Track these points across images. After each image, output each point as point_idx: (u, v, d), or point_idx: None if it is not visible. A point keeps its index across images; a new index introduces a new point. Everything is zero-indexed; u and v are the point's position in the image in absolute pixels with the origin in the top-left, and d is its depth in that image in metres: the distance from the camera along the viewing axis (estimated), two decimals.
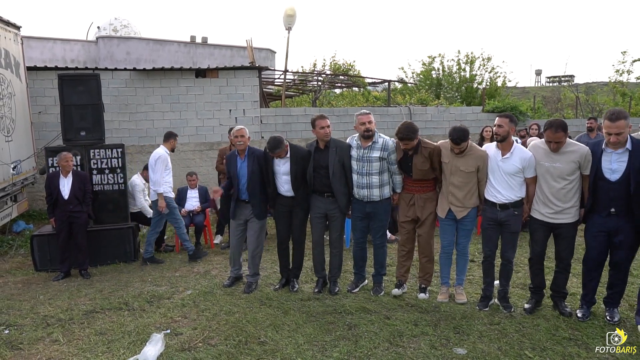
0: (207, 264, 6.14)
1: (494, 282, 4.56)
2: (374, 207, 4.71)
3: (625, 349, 3.59)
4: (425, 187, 4.65)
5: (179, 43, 15.11)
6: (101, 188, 6.45)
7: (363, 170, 4.64)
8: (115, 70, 10.21)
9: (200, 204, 7.29)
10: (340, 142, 4.78)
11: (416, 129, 4.51)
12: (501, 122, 4.29)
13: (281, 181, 4.86)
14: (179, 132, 10.67)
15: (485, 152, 4.43)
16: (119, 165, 6.51)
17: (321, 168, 4.72)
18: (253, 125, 11.14)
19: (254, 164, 4.93)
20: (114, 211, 6.50)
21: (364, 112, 4.62)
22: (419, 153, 4.54)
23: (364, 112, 4.62)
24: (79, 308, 4.65)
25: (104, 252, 6.36)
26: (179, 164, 10.77)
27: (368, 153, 4.61)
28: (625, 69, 17.66)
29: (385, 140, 4.62)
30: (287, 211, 4.94)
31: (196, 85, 10.74)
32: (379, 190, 4.67)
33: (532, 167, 4.22)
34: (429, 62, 24.47)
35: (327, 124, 4.69)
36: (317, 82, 13.30)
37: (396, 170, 4.67)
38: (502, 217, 4.32)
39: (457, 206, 4.50)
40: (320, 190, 4.77)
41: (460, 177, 4.44)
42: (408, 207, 4.71)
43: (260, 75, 11.47)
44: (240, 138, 4.93)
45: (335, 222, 4.84)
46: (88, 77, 6.46)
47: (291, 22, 11.93)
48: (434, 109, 13.25)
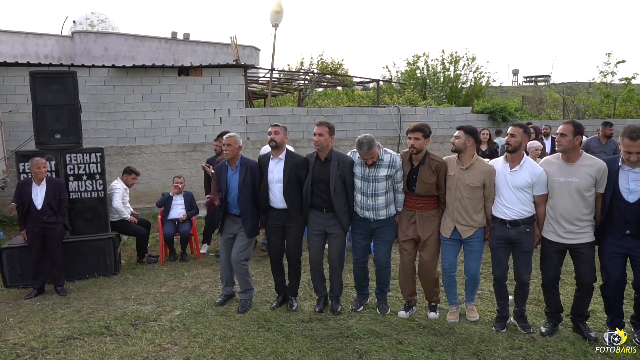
0: (195, 278, 5.69)
1: (509, 299, 4.25)
2: (379, 223, 4.33)
3: (625, 349, 3.55)
4: (428, 204, 4.28)
5: (160, 39, 14.49)
6: (78, 196, 5.93)
7: (368, 191, 4.25)
8: (92, 67, 9.64)
9: (185, 211, 6.82)
10: (343, 157, 4.37)
11: (431, 130, 4.19)
12: (514, 131, 3.95)
13: (274, 190, 4.45)
14: (160, 132, 10.28)
15: (492, 167, 4.10)
16: (98, 171, 6.00)
17: (321, 182, 4.32)
18: (238, 125, 10.72)
19: (246, 175, 4.51)
20: (92, 220, 5.99)
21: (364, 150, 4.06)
22: (426, 164, 4.19)
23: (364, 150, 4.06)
24: (54, 334, 4.16)
25: (82, 265, 5.85)
26: (160, 166, 10.28)
27: (374, 172, 4.22)
28: (610, 70, 17.75)
29: (393, 156, 4.23)
30: (279, 226, 4.53)
31: (179, 84, 10.26)
32: (386, 210, 4.30)
33: (543, 184, 3.89)
34: (413, 61, 24.36)
35: (320, 132, 4.25)
36: (304, 81, 12.89)
37: (400, 188, 4.29)
38: (513, 235, 3.97)
39: (463, 224, 4.14)
40: (319, 206, 4.38)
41: (466, 192, 4.08)
42: (408, 225, 4.32)
43: (246, 73, 11.04)
44: (226, 147, 4.50)
45: (336, 239, 4.44)
46: (63, 74, 5.92)
47: (278, 19, 11.49)
48: (423, 109, 13.01)
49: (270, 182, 4.45)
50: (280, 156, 4.42)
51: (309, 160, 4.41)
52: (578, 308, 4.02)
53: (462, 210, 4.10)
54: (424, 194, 4.21)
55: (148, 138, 10.12)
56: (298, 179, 4.38)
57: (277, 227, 4.53)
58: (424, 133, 4.13)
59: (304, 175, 4.37)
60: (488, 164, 4.15)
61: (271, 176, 4.44)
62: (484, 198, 4.10)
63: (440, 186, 4.20)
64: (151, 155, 10.24)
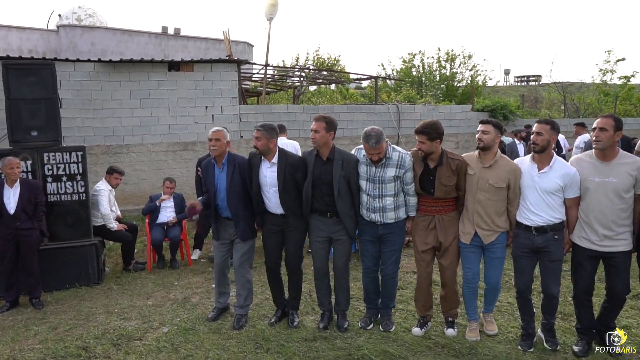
0: (185, 289, 5.21)
1: (534, 314, 3.83)
2: (387, 229, 3.90)
3: (625, 349, 3.48)
4: (448, 206, 3.86)
5: (150, 34, 13.93)
6: (57, 199, 5.43)
7: (375, 192, 3.81)
8: (77, 61, 9.11)
9: (175, 215, 6.34)
10: (347, 155, 3.92)
11: (441, 130, 3.71)
12: (541, 129, 3.52)
13: (268, 194, 4.00)
14: (149, 130, 9.75)
15: (517, 166, 3.68)
16: (79, 171, 5.50)
17: (323, 184, 3.87)
18: (232, 123, 10.24)
19: (235, 173, 4.05)
20: (73, 225, 5.49)
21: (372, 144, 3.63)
22: (444, 165, 3.75)
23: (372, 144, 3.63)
24: (24, 356, 3.68)
25: (61, 274, 5.35)
26: (150, 165, 9.77)
27: (381, 173, 3.78)
28: (610, 68, 17.47)
29: (402, 155, 3.79)
30: (277, 231, 4.08)
31: (169, 80, 9.75)
32: (394, 213, 3.86)
33: (576, 186, 3.48)
34: (409, 59, 24.00)
35: (316, 127, 3.79)
36: (299, 78, 12.43)
37: (411, 190, 3.86)
38: (540, 243, 3.56)
39: (484, 229, 3.72)
40: (322, 210, 3.93)
41: (489, 193, 3.66)
42: (427, 232, 3.88)
43: (240, 69, 10.56)
44: (214, 142, 4.03)
45: (341, 246, 4.00)
46: (41, 65, 5.42)
47: (273, 12, 11.03)
48: (422, 107, 12.62)
49: (264, 185, 3.99)
50: (273, 160, 3.95)
51: (306, 160, 3.95)
52: (606, 319, 3.64)
53: (484, 213, 3.68)
54: (443, 196, 3.78)
55: (136, 136, 9.60)
56: (295, 181, 3.93)
57: (274, 233, 4.08)
58: (429, 136, 3.66)
59: (301, 177, 3.92)
60: (513, 162, 3.73)
61: (264, 179, 3.98)
62: (507, 200, 3.68)
63: (461, 186, 3.77)
64: (140, 155, 9.73)
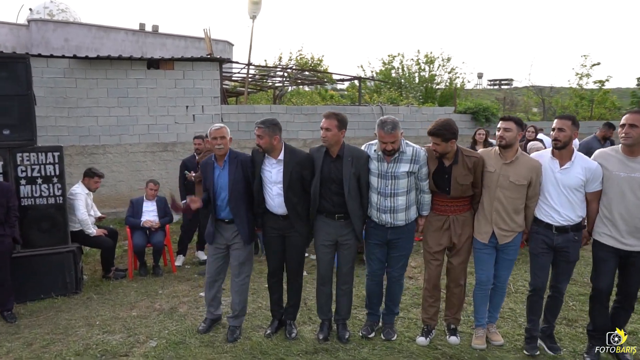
0: (171, 298, 4.92)
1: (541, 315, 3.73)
2: (397, 233, 3.72)
3: (625, 349, 3.45)
4: (463, 205, 3.72)
5: (127, 31, 13.42)
6: (32, 202, 5.06)
7: (386, 190, 3.63)
8: (51, 57, 8.66)
9: (159, 219, 6.03)
10: (357, 151, 3.71)
11: (454, 129, 3.57)
12: (563, 124, 3.43)
13: (271, 193, 3.76)
14: (127, 130, 9.35)
15: (539, 163, 3.57)
16: (56, 173, 5.14)
17: (332, 183, 3.66)
18: (213, 123, 9.85)
19: (237, 172, 3.81)
20: (49, 231, 5.12)
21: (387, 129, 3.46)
22: (460, 163, 3.60)
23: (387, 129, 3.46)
24: None
25: (36, 284, 4.98)
26: (127, 167, 9.38)
27: (394, 168, 3.60)
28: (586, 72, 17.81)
29: (416, 150, 3.62)
30: (279, 235, 3.85)
31: (148, 78, 9.38)
32: (405, 214, 3.68)
33: (598, 180, 3.41)
34: (388, 61, 24.03)
35: (327, 126, 3.59)
36: (282, 78, 12.19)
37: (426, 187, 3.70)
38: (559, 242, 3.49)
39: (503, 229, 3.60)
40: (330, 211, 3.72)
41: (509, 191, 3.54)
42: (441, 232, 3.74)
43: (222, 68, 10.27)
44: (220, 140, 3.78)
45: (347, 251, 3.80)
46: (13, 59, 5.04)
47: (256, 10, 10.77)
48: (405, 108, 12.55)
49: (267, 182, 3.76)
50: (279, 157, 3.73)
51: (314, 157, 3.74)
52: (617, 321, 3.55)
53: (503, 211, 3.56)
54: (458, 196, 3.63)
55: (114, 136, 9.20)
56: (301, 180, 3.71)
57: (275, 237, 3.85)
58: (443, 137, 3.51)
59: (308, 175, 3.71)
60: (534, 159, 3.62)
61: (268, 175, 3.75)
62: (526, 197, 3.57)
63: (477, 184, 3.63)
64: (117, 156, 9.32)
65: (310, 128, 11.19)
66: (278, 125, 3.70)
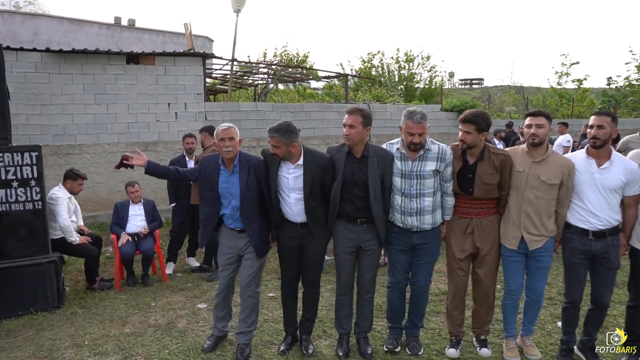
0: (166, 311, 4.49)
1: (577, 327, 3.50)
2: (423, 238, 3.42)
3: (625, 349, 3.39)
4: (488, 208, 3.44)
5: (101, 25, 12.72)
6: (6, 208, 4.55)
7: (412, 191, 3.32)
8: (21, 50, 8.03)
9: (147, 224, 5.56)
10: (382, 151, 3.38)
11: (490, 121, 3.33)
12: (602, 121, 3.19)
13: (288, 200, 3.40)
14: (105, 129, 8.78)
15: (571, 161, 3.32)
16: (34, 176, 4.64)
17: (355, 185, 3.33)
18: (196, 121, 9.45)
19: (249, 178, 3.42)
20: (27, 240, 4.61)
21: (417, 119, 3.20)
22: (486, 161, 3.33)
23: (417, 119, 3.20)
24: None
25: (13, 299, 4.47)
26: (106, 168, 8.82)
27: (419, 166, 3.30)
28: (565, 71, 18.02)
29: (442, 148, 3.34)
30: (296, 244, 3.49)
31: (127, 73, 8.84)
32: (432, 217, 3.38)
33: (639, 182, 3.17)
34: (368, 59, 23.88)
35: (351, 122, 3.26)
36: (267, 74, 11.78)
37: (450, 189, 3.41)
38: (598, 249, 3.24)
39: (534, 234, 3.33)
40: (352, 216, 3.38)
41: (540, 191, 3.28)
42: (464, 237, 3.45)
43: (205, 63, 9.80)
44: (228, 142, 3.37)
45: (370, 257, 3.47)
46: None
47: (241, 4, 10.33)
48: (392, 106, 12.33)
49: (283, 189, 3.39)
50: (299, 162, 3.35)
51: (334, 159, 3.39)
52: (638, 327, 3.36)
53: (534, 214, 3.29)
54: (483, 197, 3.35)
55: (91, 135, 8.63)
56: (322, 185, 3.37)
57: (292, 247, 3.49)
58: (478, 127, 3.26)
59: (329, 179, 3.36)
60: (565, 157, 3.37)
61: (284, 181, 3.38)
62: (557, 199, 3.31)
63: (505, 185, 3.36)
64: (94, 156, 8.75)
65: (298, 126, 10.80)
66: (295, 131, 3.28)
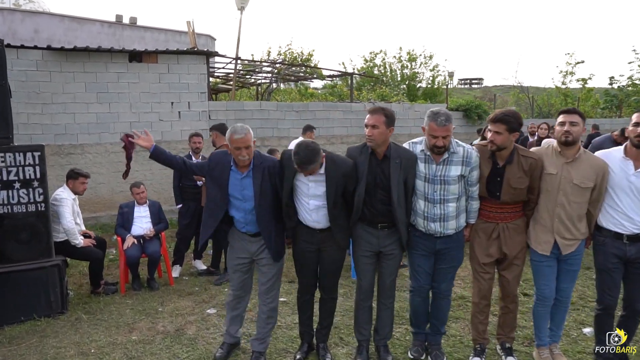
0: (175, 317, 4.32)
1: None
2: (446, 243, 3.26)
3: (625, 349, 3.36)
4: (514, 212, 3.28)
5: (102, 23, 12.54)
6: (8, 210, 4.38)
7: (435, 196, 3.16)
8: (22, 47, 7.87)
9: (152, 226, 5.39)
10: (405, 152, 3.20)
11: (522, 121, 3.16)
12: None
13: (307, 207, 3.22)
14: (107, 128, 8.61)
15: (605, 162, 3.15)
16: (37, 176, 4.47)
17: (377, 188, 3.17)
18: (200, 121, 9.30)
19: (264, 181, 3.22)
20: (29, 243, 4.44)
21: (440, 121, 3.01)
22: (515, 164, 3.16)
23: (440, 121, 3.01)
24: None
25: (15, 304, 4.30)
26: (108, 168, 8.66)
27: (444, 171, 3.14)
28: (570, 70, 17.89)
29: (467, 150, 3.17)
30: (314, 249, 3.33)
31: (130, 72, 8.67)
32: (456, 222, 3.23)
33: None
34: (370, 58, 23.73)
35: (374, 122, 3.07)
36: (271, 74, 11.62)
37: (476, 193, 3.24)
38: (633, 253, 3.09)
39: (567, 238, 3.17)
40: (372, 220, 3.22)
41: (574, 195, 3.11)
42: (490, 241, 3.29)
43: (209, 62, 9.63)
44: (245, 151, 3.12)
45: (392, 261, 3.31)
46: None
47: (244, 1, 10.17)
48: (398, 105, 12.18)
49: (301, 195, 3.22)
50: (321, 170, 3.13)
51: (356, 162, 3.21)
52: None
53: (567, 218, 3.14)
54: (510, 201, 3.19)
55: (93, 135, 8.47)
56: (344, 192, 3.20)
57: (311, 252, 3.32)
58: (509, 127, 3.08)
59: (352, 185, 3.18)
60: (599, 157, 3.20)
61: (303, 188, 3.20)
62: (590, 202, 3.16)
63: (534, 190, 3.19)
64: (96, 156, 8.59)
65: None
66: (319, 152, 3.03)
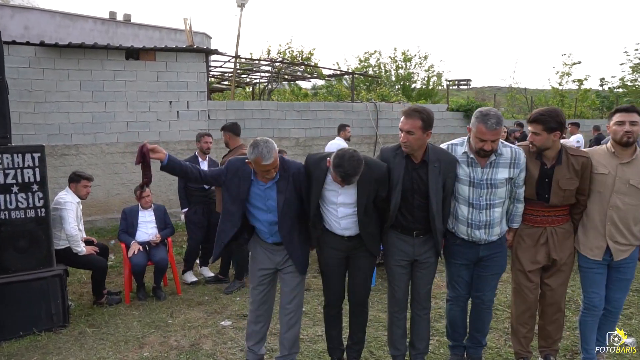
0: (187, 329, 4.03)
1: None
2: (490, 249, 3.03)
3: (625, 349, 3.39)
4: (562, 215, 3.06)
5: (95, 19, 12.15)
6: (5, 216, 4.06)
7: (481, 202, 2.92)
8: (13, 44, 7.51)
9: (158, 231, 5.09)
10: (444, 154, 2.95)
11: (561, 119, 2.90)
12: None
13: (335, 214, 2.97)
14: (103, 128, 8.26)
15: None
16: (36, 179, 4.16)
17: (414, 194, 2.91)
18: (199, 121, 9.00)
19: (289, 189, 2.95)
20: (28, 251, 4.12)
21: (491, 124, 2.74)
22: (564, 164, 2.95)
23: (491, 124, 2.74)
24: None
25: (13, 318, 3.98)
26: (104, 169, 8.30)
27: (490, 174, 2.90)
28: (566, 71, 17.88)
29: (515, 151, 2.94)
30: (342, 257, 3.08)
31: (127, 69, 8.33)
32: (499, 227, 3.02)
33: None
34: (365, 58, 23.56)
35: (409, 128, 2.79)
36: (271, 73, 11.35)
37: (522, 196, 3.02)
38: None
39: (621, 243, 2.97)
40: (407, 227, 2.98)
41: (629, 197, 2.92)
42: (537, 247, 3.07)
43: (208, 60, 9.33)
44: (273, 171, 2.84)
45: (427, 270, 3.07)
46: None
47: None
48: (399, 105, 11.99)
49: (329, 202, 2.96)
50: None
51: (391, 165, 2.96)
52: None
53: (620, 222, 2.93)
54: (559, 204, 2.97)
55: (88, 135, 8.11)
56: (376, 199, 2.94)
57: (338, 259, 3.07)
58: (546, 126, 2.86)
59: (384, 190, 2.93)
60: None
61: (332, 195, 2.94)
62: None
63: (584, 191, 2.98)
64: (92, 157, 8.23)
65: (303, 125, 10.41)
66: (362, 159, 2.75)
